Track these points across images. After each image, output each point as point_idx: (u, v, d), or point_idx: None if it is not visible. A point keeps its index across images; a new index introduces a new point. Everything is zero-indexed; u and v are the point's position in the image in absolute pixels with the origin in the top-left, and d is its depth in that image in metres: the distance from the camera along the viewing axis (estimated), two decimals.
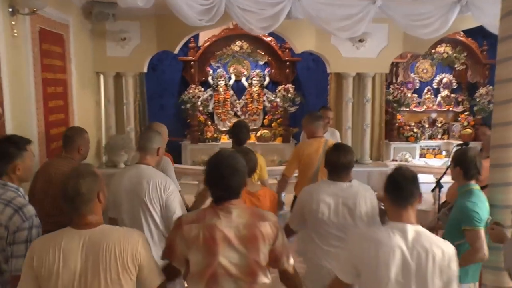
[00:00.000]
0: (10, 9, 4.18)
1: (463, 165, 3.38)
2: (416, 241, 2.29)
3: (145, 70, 7.31)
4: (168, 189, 3.27)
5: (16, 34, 4.28)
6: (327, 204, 3.20)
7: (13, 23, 4.23)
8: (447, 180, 4.15)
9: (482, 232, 3.16)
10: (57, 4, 5.35)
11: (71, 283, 2.10)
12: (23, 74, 4.54)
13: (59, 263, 2.10)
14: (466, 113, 9.47)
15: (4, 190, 2.69)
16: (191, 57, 8.91)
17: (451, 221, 3.38)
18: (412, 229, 2.33)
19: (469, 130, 9.16)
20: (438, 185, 4.41)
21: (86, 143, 3.93)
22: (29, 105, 4.67)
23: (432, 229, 3.15)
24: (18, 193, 2.74)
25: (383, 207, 2.89)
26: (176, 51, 7.24)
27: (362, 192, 3.28)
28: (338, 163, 3.27)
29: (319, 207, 3.21)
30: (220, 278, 2.25)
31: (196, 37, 8.85)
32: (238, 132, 4.59)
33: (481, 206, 3.25)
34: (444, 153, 9.08)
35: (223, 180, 2.33)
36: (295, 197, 4.80)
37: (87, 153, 3.96)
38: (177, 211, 3.25)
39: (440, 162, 8.61)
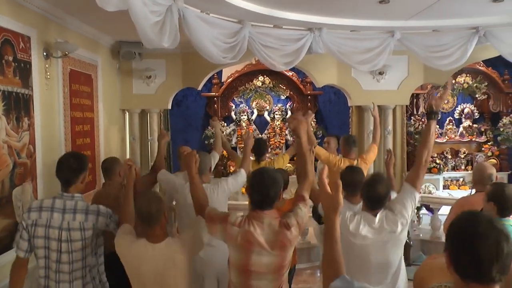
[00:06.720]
0: (45, 53, 4.40)
1: (499, 201, 3.19)
2: None
3: (169, 106, 7.45)
4: None
5: (49, 77, 4.48)
6: None
7: (46, 66, 4.44)
8: None
9: None
10: (87, 45, 5.57)
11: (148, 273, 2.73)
12: (54, 113, 4.72)
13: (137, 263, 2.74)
14: (489, 143, 9.37)
15: None
16: (214, 93, 9.06)
17: None
18: None
19: (493, 161, 9.01)
20: None
21: (122, 166, 4.09)
22: (59, 143, 4.83)
23: None
24: None
25: None
26: (200, 87, 7.35)
27: None
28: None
29: None
30: (252, 274, 2.67)
31: (220, 73, 9.00)
32: (259, 146, 5.43)
33: None
34: (468, 184, 8.95)
35: (263, 187, 2.68)
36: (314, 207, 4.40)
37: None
38: None
39: (465, 193, 8.44)
